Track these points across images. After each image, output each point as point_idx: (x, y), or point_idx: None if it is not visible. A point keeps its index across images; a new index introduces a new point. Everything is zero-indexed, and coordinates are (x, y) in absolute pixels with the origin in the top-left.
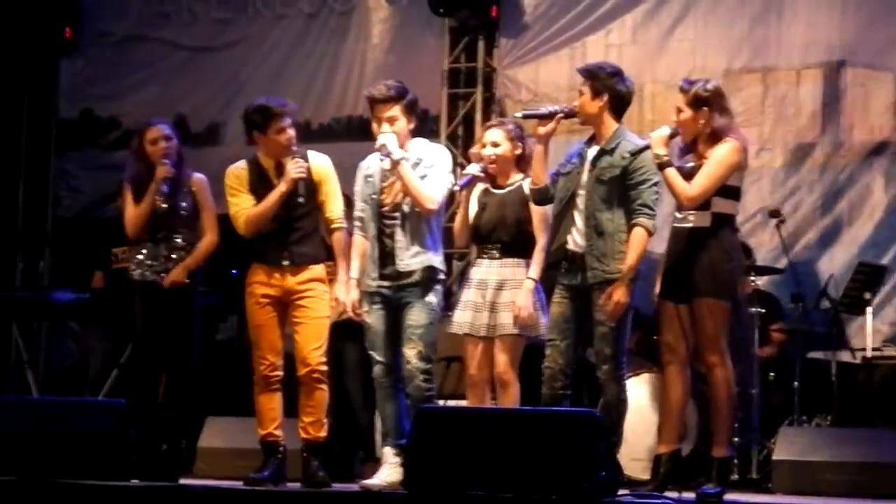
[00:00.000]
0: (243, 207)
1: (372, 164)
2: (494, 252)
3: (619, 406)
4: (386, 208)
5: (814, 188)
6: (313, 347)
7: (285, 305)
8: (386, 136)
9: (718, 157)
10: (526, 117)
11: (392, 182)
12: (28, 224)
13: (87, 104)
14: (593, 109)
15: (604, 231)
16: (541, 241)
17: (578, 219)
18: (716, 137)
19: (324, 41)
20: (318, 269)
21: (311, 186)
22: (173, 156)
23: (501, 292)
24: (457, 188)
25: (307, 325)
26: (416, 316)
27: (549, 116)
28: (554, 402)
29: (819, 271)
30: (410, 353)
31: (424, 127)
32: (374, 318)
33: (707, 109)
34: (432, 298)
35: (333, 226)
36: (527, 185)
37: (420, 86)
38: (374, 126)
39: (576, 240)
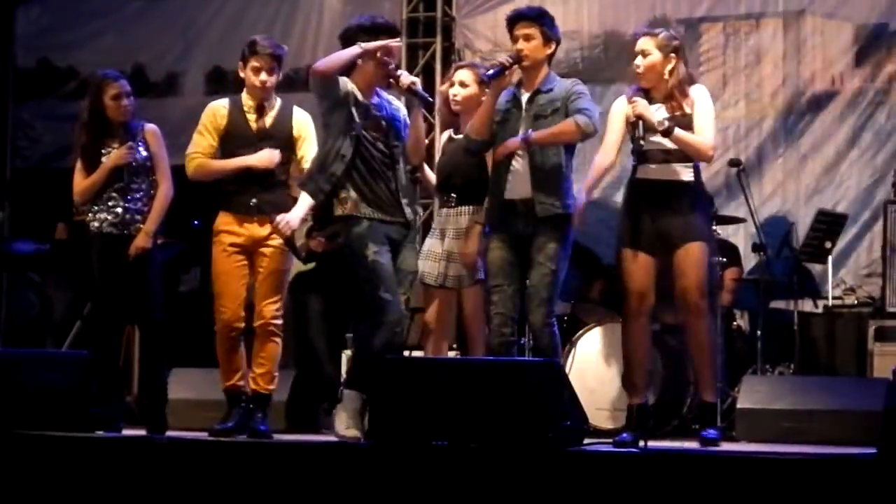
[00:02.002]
0: (198, 152)
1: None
2: (451, 200)
3: (551, 352)
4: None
5: (775, 137)
6: (271, 301)
7: (251, 254)
8: (408, 75)
9: (709, 104)
10: (491, 77)
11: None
12: None
13: (45, 53)
14: (542, 55)
15: (550, 165)
16: None
17: (517, 165)
18: (683, 87)
19: None
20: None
21: (290, 140)
22: (130, 114)
23: (458, 241)
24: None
25: (268, 278)
26: (412, 261)
27: (507, 69)
28: (504, 349)
29: (780, 221)
30: (400, 298)
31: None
32: (387, 258)
33: (675, 56)
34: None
35: None
36: None
37: None
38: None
39: (514, 187)
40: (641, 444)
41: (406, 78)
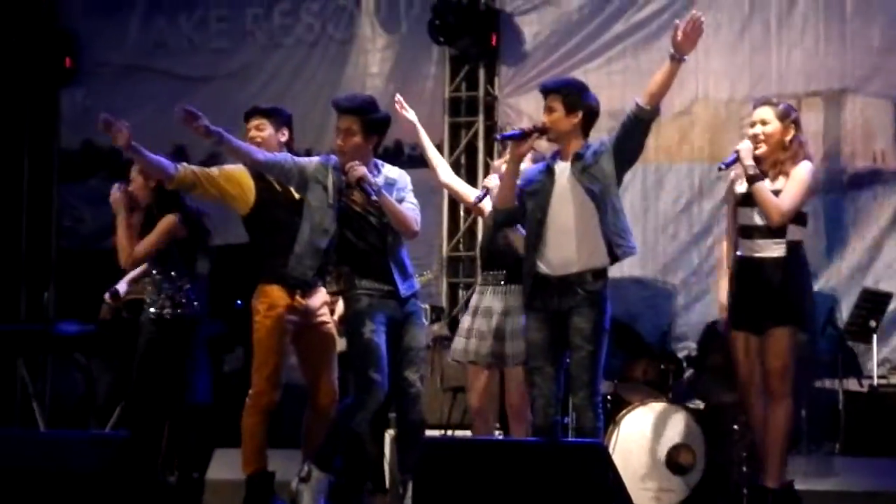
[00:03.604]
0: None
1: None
2: (500, 278)
3: (594, 433)
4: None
5: (817, 214)
6: (335, 376)
7: (303, 328)
8: (360, 167)
9: (801, 177)
10: (504, 139)
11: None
12: (32, 255)
13: (88, 134)
14: (567, 126)
15: (615, 207)
16: None
17: (552, 238)
18: (795, 158)
19: (323, 70)
20: (324, 291)
21: None
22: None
23: (507, 319)
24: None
25: (330, 353)
26: (420, 337)
27: (525, 136)
28: (548, 431)
29: (824, 298)
30: (415, 376)
31: None
32: (383, 338)
33: (794, 127)
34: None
35: None
36: None
37: (421, 115)
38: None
39: (549, 262)
40: None
41: (355, 172)
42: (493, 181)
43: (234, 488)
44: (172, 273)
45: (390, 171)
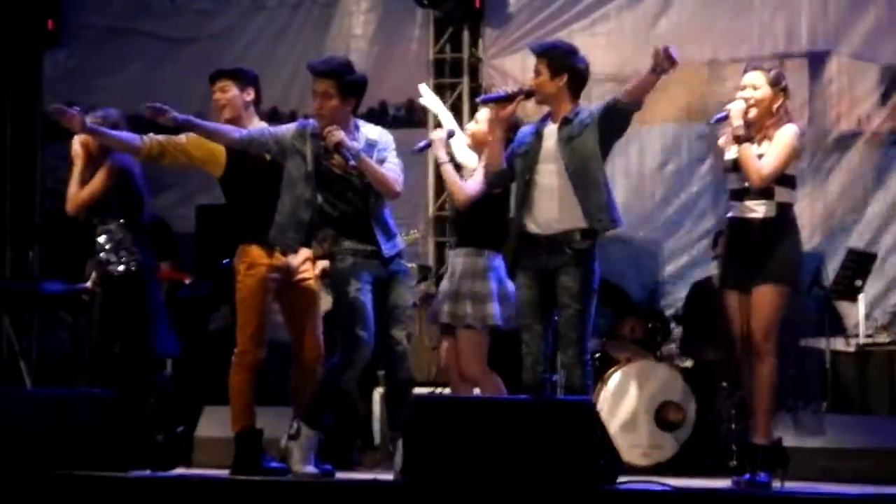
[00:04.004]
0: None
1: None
2: (452, 241)
3: (583, 391)
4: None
5: (802, 178)
6: (319, 333)
7: (286, 287)
8: (338, 132)
9: (785, 140)
10: (486, 101)
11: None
12: (16, 215)
13: (72, 96)
14: (552, 89)
15: (597, 181)
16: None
17: (539, 198)
18: (779, 123)
19: (307, 32)
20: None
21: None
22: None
23: (461, 281)
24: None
25: (314, 311)
26: (406, 296)
27: (508, 99)
28: (537, 388)
29: (809, 258)
30: (401, 334)
31: (411, 117)
32: (369, 297)
33: (783, 94)
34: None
35: None
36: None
37: (405, 76)
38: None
39: (537, 221)
40: (777, 484)
41: (332, 138)
42: (437, 134)
43: (224, 445)
44: (112, 227)
45: (370, 131)
